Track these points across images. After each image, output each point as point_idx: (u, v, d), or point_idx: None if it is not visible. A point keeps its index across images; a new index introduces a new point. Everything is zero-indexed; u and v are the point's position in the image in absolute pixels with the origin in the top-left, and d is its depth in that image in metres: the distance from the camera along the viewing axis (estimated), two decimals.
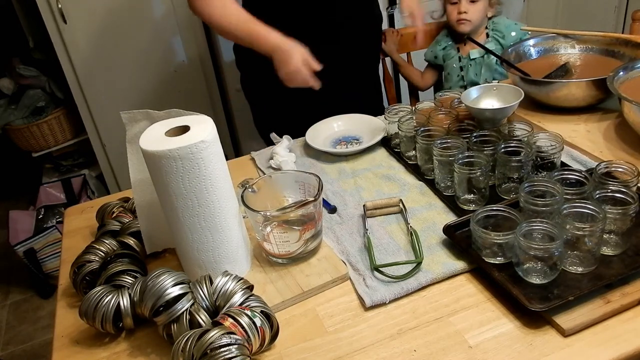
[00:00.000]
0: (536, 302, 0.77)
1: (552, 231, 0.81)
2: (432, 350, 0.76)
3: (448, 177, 1.04)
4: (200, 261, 0.88)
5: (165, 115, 0.89)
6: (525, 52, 1.45)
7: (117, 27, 2.19)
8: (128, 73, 2.28)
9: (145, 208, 0.95)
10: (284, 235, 0.90)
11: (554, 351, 0.73)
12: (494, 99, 1.19)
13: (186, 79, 2.39)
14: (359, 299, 0.86)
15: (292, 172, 1.03)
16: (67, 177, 2.58)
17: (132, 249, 0.95)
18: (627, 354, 0.72)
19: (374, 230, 0.99)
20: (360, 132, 1.30)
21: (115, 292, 0.83)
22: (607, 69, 1.21)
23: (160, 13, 2.23)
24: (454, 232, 0.93)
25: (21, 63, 2.50)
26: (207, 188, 0.82)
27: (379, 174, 1.16)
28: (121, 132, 0.93)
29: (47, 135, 2.51)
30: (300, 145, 1.31)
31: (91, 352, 0.83)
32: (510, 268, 0.84)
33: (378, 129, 1.27)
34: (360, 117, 1.33)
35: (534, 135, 1.05)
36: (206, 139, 0.80)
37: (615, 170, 0.94)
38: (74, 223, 1.16)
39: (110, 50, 2.22)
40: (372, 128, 1.29)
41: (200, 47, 2.35)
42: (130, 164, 0.94)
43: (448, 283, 0.87)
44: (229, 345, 0.70)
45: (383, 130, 1.25)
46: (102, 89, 2.27)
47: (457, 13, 1.69)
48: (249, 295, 0.79)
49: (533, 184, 0.91)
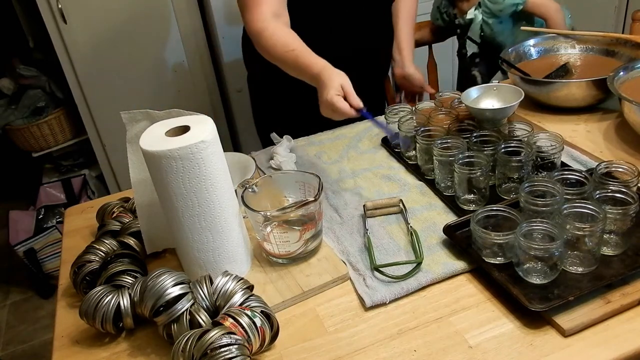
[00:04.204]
0: (536, 302, 0.77)
1: (552, 231, 0.81)
2: (432, 350, 0.76)
3: (448, 177, 1.04)
4: (201, 261, 0.88)
5: (165, 115, 0.89)
6: (525, 52, 1.45)
7: (117, 27, 2.19)
8: (128, 73, 2.28)
9: (146, 208, 0.95)
10: (284, 235, 0.90)
11: (554, 351, 0.73)
12: (494, 99, 1.19)
13: (186, 79, 2.39)
14: (359, 299, 0.86)
15: (292, 172, 1.03)
16: (67, 177, 2.58)
17: (132, 249, 0.95)
18: (627, 354, 0.72)
19: (374, 230, 0.99)
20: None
21: (115, 292, 0.83)
22: (607, 69, 1.21)
23: (161, 13, 2.23)
24: (454, 232, 0.93)
25: (21, 63, 2.50)
26: (207, 188, 0.82)
27: (379, 174, 1.16)
28: (121, 132, 0.93)
29: (47, 135, 2.51)
30: (300, 145, 1.31)
31: (91, 352, 0.83)
32: (510, 268, 0.84)
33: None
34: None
35: (534, 135, 1.05)
36: (206, 139, 0.80)
37: (616, 170, 0.94)
38: (74, 223, 1.16)
39: (110, 50, 2.22)
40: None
41: (200, 47, 2.35)
42: (130, 164, 0.94)
43: (448, 283, 0.87)
44: (229, 345, 0.70)
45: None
46: (102, 89, 2.27)
47: None
48: (249, 295, 0.79)
49: (533, 184, 0.91)
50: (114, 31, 2.19)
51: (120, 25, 2.19)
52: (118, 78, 2.27)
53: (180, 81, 2.39)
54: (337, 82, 1.03)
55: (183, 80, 2.39)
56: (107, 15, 2.15)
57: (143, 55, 2.28)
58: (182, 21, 2.27)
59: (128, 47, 2.24)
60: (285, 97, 1.46)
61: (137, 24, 2.21)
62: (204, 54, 2.37)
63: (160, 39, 2.28)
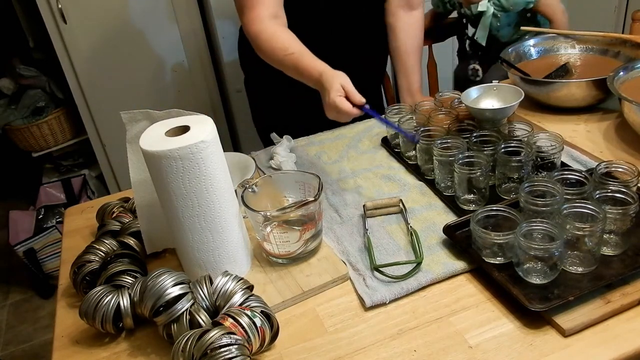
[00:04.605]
0: (536, 302, 0.77)
1: (552, 231, 0.81)
2: (432, 350, 0.76)
3: (448, 177, 1.04)
4: (201, 261, 0.88)
5: (165, 115, 0.89)
6: (525, 52, 1.45)
7: (117, 27, 2.19)
8: (128, 73, 2.28)
9: (146, 208, 0.95)
10: (284, 235, 0.90)
11: (554, 351, 0.73)
12: (494, 99, 1.19)
13: (186, 79, 2.39)
14: (359, 299, 0.86)
15: (292, 172, 1.03)
16: (67, 177, 2.58)
17: (132, 249, 0.95)
18: (627, 354, 0.72)
19: (374, 230, 0.99)
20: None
21: (115, 292, 0.83)
22: (607, 69, 1.21)
23: (161, 13, 2.23)
24: (454, 232, 0.93)
25: (21, 63, 2.49)
26: (207, 188, 0.82)
27: (379, 174, 1.16)
28: (121, 132, 0.93)
29: (47, 135, 2.51)
30: (300, 145, 1.31)
31: (91, 352, 0.83)
32: (510, 268, 0.84)
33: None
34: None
35: (534, 136, 1.05)
36: (206, 139, 0.80)
37: (616, 170, 0.94)
38: (74, 223, 1.16)
39: (110, 50, 2.22)
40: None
41: (200, 47, 2.35)
42: (130, 164, 0.94)
43: (448, 283, 0.87)
44: (229, 345, 0.70)
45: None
46: (102, 89, 2.26)
47: None
48: (249, 296, 0.79)
49: (533, 184, 0.91)
50: (114, 31, 2.19)
51: (120, 25, 2.19)
52: (118, 78, 2.27)
53: (180, 81, 2.39)
54: (337, 83, 1.03)
55: (183, 80, 2.39)
56: (107, 15, 2.15)
57: (143, 55, 2.28)
58: (182, 21, 2.27)
59: (128, 47, 2.24)
60: (283, 99, 1.46)
61: (137, 23, 2.21)
62: (204, 54, 2.37)
63: (160, 39, 2.28)
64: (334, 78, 1.04)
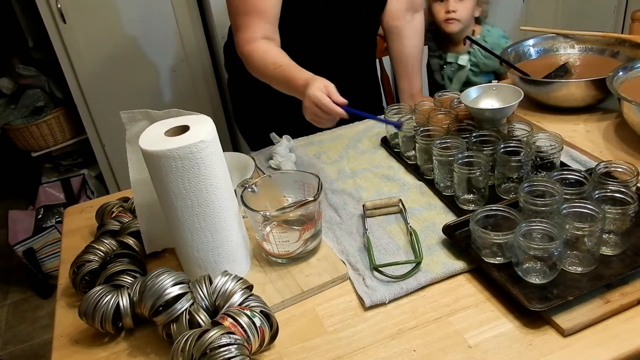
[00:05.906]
0: (536, 302, 0.77)
1: (552, 231, 0.81)
2: (432, 350, 0.76)
3: (448, 177, 1.04)
4: (200, 261, 0.88)
5: (164, 115, 0.89)
6: (524, 52, 1.45)
7: (117, 27, 2.19)
8: (127, 73, 2.28)
9: (145, 208, 0.95)
10: (284, 235, 0.90)
11: (554, 351, 0.73)
12: (493, 99, 1.19)
13: (186, 79, 2.39)
14: (359, 299, 0.86)
15: (292, 172, 1.03)
16: (67, 177, 2.58)
17: (131, 249, 0.95)
18: (626, 354, 0.72)
19: (374, 230, 0.99)
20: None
21: (114, 292, 0.83)
22: (607, 69, 1.21)
23: (160, 13, 2.23)
24: (454, 232, 0.93)
25: (21, 63, 2.49)
26: (206, 188, 0.82)
27: (378, 174, 1.16)
28: (121, 132, 0.93)
29: (46, 135, 2.51)
30: (299, 145, 1.31)
31: (91, 352, 0.83)
32: (510, 268, 0.84)
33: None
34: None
35: (534, 135, 1.05)
36: (206, 138, 0.80)
37: (615, 170, 0.94)
38: (73, 223, 1.16)
39: (109, 50, 2.22)
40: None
41: (200, 47, 2.35)
42: (130, 163, 0.94)
43: (447, 283, 0.87)
44: (228, 345, 0.70)
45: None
46: (102, 89, 2.26)
47: (445, 12, 1.62)
48: (248, 295, 0.79)
49: (532, 184, 0.91)
50: (114, 31, 2.19)
51: (119, 25, 2.19)
52: (117, 78, 2.27)
53: (180, 81, 2.38)
54: (319, 82, 1.04)
55: (183, 80, 2.39)
56: (106, 15, 2.15)
57: (143, 55, 2.28)
58: (182, 21, 2.27)
59: (128, 47, 2.24)
60: (265, 101, 1.45)
61: (136, 24, 2.21)
62: (204, 54, 2.37)
63: (160, 39, 2.27)
64: (318, 80, 1.05)
